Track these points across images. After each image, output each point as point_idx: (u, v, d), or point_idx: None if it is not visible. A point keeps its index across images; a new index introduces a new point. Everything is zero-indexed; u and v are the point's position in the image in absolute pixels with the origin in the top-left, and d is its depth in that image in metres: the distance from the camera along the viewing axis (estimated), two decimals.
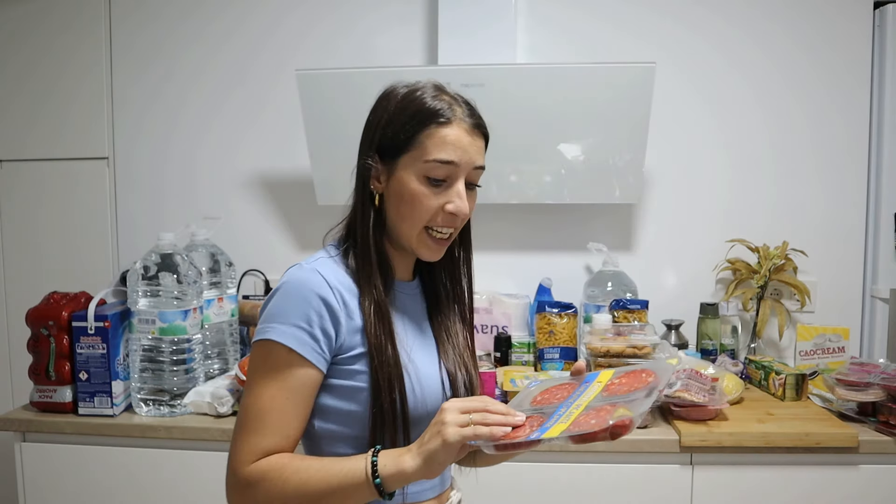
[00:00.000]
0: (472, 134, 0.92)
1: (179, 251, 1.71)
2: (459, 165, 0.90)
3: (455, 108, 0.92)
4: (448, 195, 0.90)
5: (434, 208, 0.90)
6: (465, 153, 0.90)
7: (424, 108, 0.90)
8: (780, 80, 2.01)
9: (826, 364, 1.86)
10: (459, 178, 0.91)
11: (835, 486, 1.50)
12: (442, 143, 0.89)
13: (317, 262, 0.91)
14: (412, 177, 0.90)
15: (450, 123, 0.90)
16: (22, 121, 2.16)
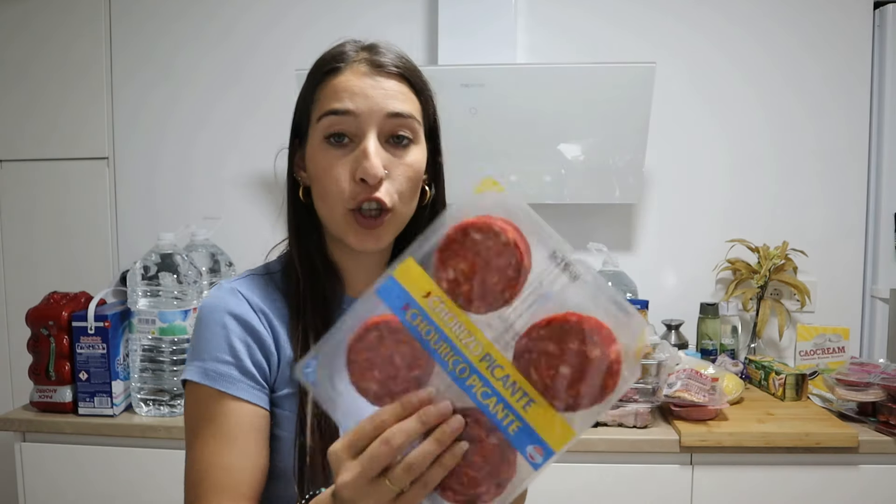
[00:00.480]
0: (373, 74, 0.74)
1: (179, 251, 1.71)
2: (359, 114, 0.72)
3: (350, 51, 0.76)
4: (356, 157, 0.72)
5: (344, 178, 0.73)
6: (366, 98, 0.72)
7: (318, 61, 0.77)
8: (781, 80, 2.01)
9: (826, 364, 1.86)
10: (366, 132, 0.72)
11: (835, 486, 1.50)
12: (333, 92, 0.74)
13: (239, 280, 0.78)
14: (315, 144, 0.75)
15: (342, 70, 0.74)
16: (21, 121, 2.16)
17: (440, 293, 0.52)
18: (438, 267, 0.52)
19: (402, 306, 0.52)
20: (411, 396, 0.52)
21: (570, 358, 0.50)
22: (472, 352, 0.51)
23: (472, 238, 0.52)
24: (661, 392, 1.56)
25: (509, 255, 0.51)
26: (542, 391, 0.51)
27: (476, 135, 1.87)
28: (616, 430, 1.54)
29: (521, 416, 0.51)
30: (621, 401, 1.55)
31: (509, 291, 0.52)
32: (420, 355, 0.53)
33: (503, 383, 0.51)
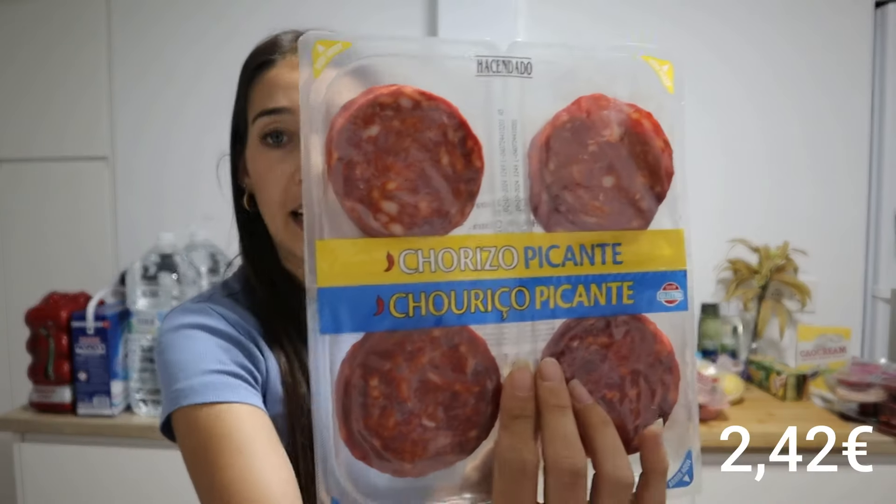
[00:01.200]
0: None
1: (179, 251, 1.71)
2: (295, 110, 0.65)
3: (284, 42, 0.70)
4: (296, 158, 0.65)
5: (283, 181, 0.65)
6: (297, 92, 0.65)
7: (250, 54, 0.71)
8: (780, 80, 2.00)
9: (827, 364, 1.86)
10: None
11: (835, 486, 1.50)
12: (268, 88, 0.68)
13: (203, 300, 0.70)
14: (253, 146, 0.68)
15: (274, 62, 0.69)
16: (21, 120, 2.15)
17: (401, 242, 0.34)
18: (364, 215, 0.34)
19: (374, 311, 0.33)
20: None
21: (600, 162, 0.36)
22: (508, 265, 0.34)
23: (369, 138, 0.34)
24: None
25: (434, 116, 0.35)
26: (613, 225, 0.36)
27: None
28: None
29: (624, 272, 0.36)
30: None
31: (475, 158, 0.36)
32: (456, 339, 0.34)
33: (573, 262, 0.36)
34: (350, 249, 0.33)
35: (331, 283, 0.33)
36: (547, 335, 0.35)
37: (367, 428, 0.33)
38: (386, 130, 0.34)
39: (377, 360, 0.33)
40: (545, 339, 0.35)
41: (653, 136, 0.37)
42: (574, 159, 0.36)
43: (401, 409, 0.33)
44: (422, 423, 0.34)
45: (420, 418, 0.34)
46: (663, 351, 0.38)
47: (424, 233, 0.34)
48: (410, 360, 0.33)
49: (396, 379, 0.33)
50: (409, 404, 0.34)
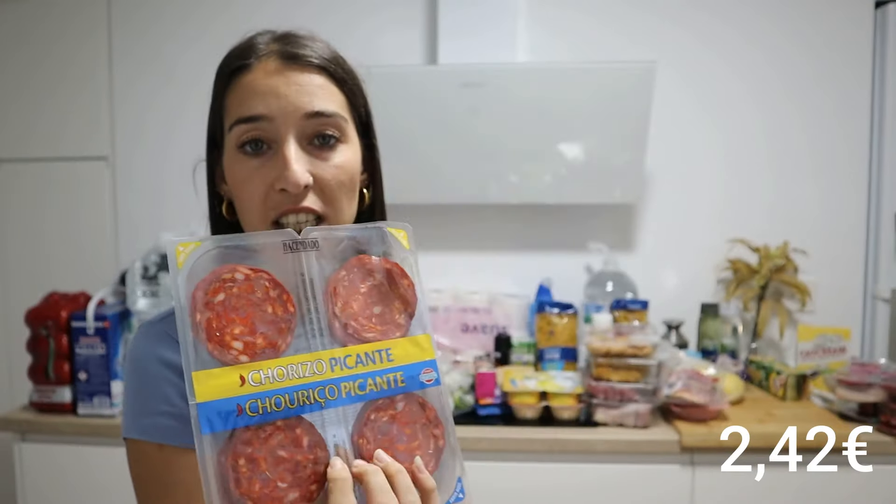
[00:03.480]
0: (285, 69, 0.65)
1: None
2: (272, 119, 0.64)
3: (260, 45, 0.67)
4: (276, 166, 0.64)
5: (263, 190, 0.64)
6: (278, 98, 0.64)
7: (225, 58, 0.68)
8: (781, 80, 2.00)
9: (827, 364, 1.86)
10: (284, 136, 0.64)
11: (835, 486, 1.50)
12: (243, 95, 0.65)
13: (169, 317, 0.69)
14: (231, 158, 0.66)
15: (250, 67, 0.66)
16: (22, 120, 2.16)
17: (248, 367, 0.49)
18: (220, 353, 0.49)
19: (236, 414, 0.48)
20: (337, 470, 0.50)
21: (369, 299, 0.56)
22: (321, 371, 0.52)
23: (218, 303, 0.50)
24: (662, 392, 1.56)
25: (258, 282, 0.52)
26: (382, 337, 0.55)
27: (476, 135, 1.87)
28: (616, 431, 1.54)
29: (395, 366, 0.55)
30: (621, 401, 1.55)
31: (290, 305, 0.53)
32: (294, 425, 0.50)
33: (362, 364, 0.54)
34: (215, 375, 0.48)
35: (204, 398, 0.48)
36: (353, 415, 0.52)
37: (241, 493, 0.48)
38: (228, 295, 0.51)
39: (242, 446, 0.48)
40: (353, 418, 0.52)
41: (401, 277, 0.57)
42: (353, 298, 0.55)
43: (261, 478, 0.49)
44: (277, 485, 0.49)
45: (276, 482, 0.49)
46: (431, 413, 0.56)
47: (263, 358, 0.50)
48: (264, 443, 0.49)
49: (256, 458, 0.49)
50: (267, 473, 0.49)
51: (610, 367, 1.56)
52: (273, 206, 0.64)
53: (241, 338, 0.50)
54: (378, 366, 0.54)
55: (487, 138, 1.88)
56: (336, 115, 0.66)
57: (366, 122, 0.74)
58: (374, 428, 0.53)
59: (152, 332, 0.69)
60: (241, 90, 0.66)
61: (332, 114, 0.66)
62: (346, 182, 0.67)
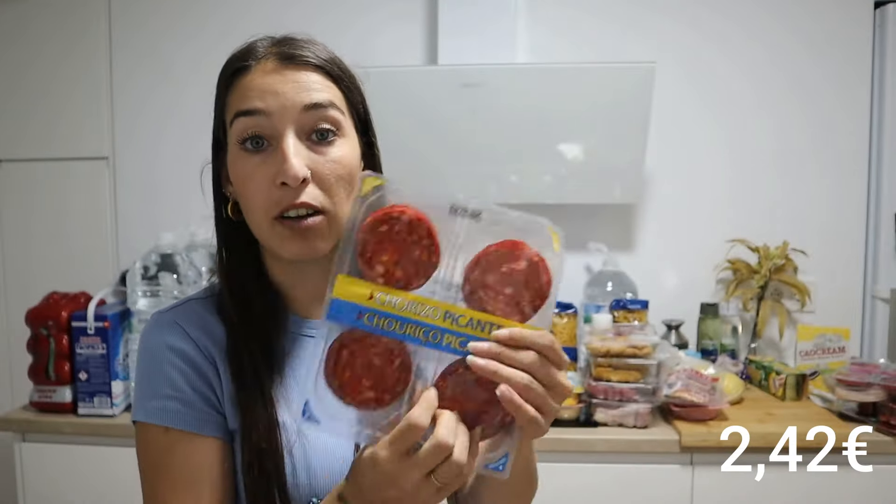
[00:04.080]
0: (283, 68, 0.68)
1: (179, 251, 1.71)
2: (270, 112, 0.66)
3: (259, 48, 0.70)
4: (275, 161, 0.66)
5: (265, 186, 0.67)
6: (276, 95, 0.66)
7: (227, 62, 0.71)
8: (780, 80, 2.00)
9: (826, 364, 1.86)
10: (283, 131, 0.66)
11: (835, 486, 1.50)
12: (242, 92, 0.68)
13: (179, 307, 0.74)
14: (234, 155, 0.69)
15: (249, 68, 0.68)
16: (22, 120, 2.15)
17: (380, 288, 0.58)
18: (366, 269, 0.59)
19: (356, 317, 0.58)
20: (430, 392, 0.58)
21: (507, 279, 0.59)
22: (433, 317, 0.58)
23: (379, 231, 0.58)
24: (661, 392, 1.56)
25: (417, 228, 0.59)
26: (502, 314, 0.59)
27: (476, 135, 1.87)
28: (616, 431, 1.54)
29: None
30: (621, 401, 1.55)
31: (434, 256, 0.59)
32: (393, 346, 0.58)
33: (471, 326, 0.58)
34: (354, 283, 0.59)
35: (337, 296, 0.59)
36: (445, 362, 0.59)
37: (334, 374, 0.59)
38: (389, 229, 0.58)
39: (349, 341, 0.59)
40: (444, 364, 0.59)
41: (543, 273, 0.59)
42: (492, 272, 0.59)
43: (352, 370, 0.59)
44: (361, 381, 0.59)
45: (361, 379, 0.59)
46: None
47: (395, 287, 0.59)
48: (366, 348, 0.58)
49: (356, 355, 0.59)
50: (358, 370, 0.59)
51: (610, 367, 1.57)
52: (276, 201, 0.66)
53: (385, 265, 0.58)
54: (484, 334, 0.58)
55: (487, 138, 1.88)
56: (331, 107, 0.68)
57: (364, 120, 0.75)
58: (458, 381, 0.58)
59: (163, 321, 0.72)
60: (240, 89, 0.68)
61: (328, 104, 0.68)
62: (345, 176, 0.69)
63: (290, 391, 0.71)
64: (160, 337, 0.71)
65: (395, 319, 0.58)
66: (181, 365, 0.69)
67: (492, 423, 0.59)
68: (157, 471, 0.68)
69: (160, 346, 0.70)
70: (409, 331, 0.58)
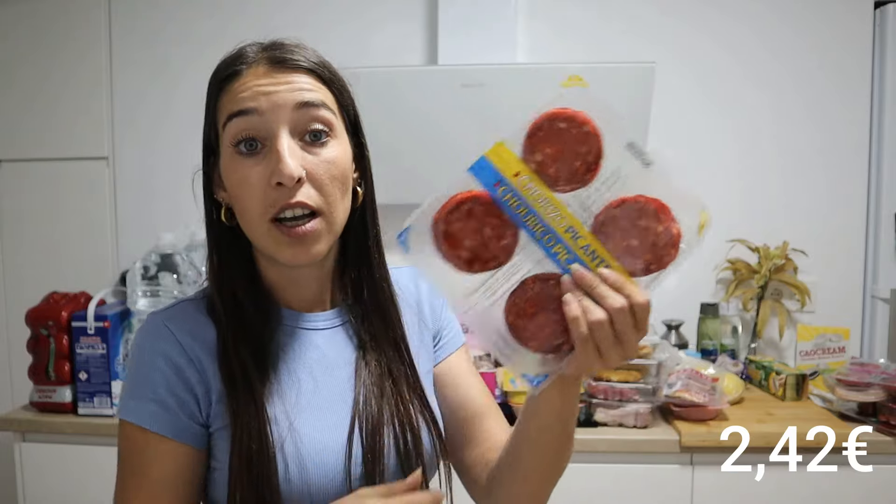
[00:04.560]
0: (275, 72, 0.68)
1: (179, 251, 1.71)
2: (263, 112, 0.66)
3: (249, 53, 0.70)
4: (270, 162, 0.66)
5: (260, 186, 0.66)
6: (268, 96, 0.66)
7: (217, 67, 0.71)
8: (781, 80, 2.00)
9: (826, 364, 1.86)
10: (276, 132, 0.66)
11: (835, 486, 1.50)
12: (234, 95, 0.68)
13: (171, 308, 0.74)
14: (228, 159, 0.69)
15: (241, 73, 0.68)
16: (22, 120, 2.15)
17: (529, 172, 0.59)
18: (527, 150, 0.59)
19: (494, 183, 0.59)
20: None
21: (639, 232, 0.59)
22: (558, 224, 0.59)
23: (557, 126, 0.59)
24: (662, 392, 1.56)
25: (590, 143, 0.59)
26: (617, 258, 0.59)
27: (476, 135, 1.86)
28: (616, 431, 1.54)
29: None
30: (621, 401, 1.55)
31: (590, 174, 0.59)
32: (509, 227, 0.59)
33: (584, 251, 0.59)
34: (509, 154, 0.60)
35: (489, 157, 0.60)
36: (542, 268, 0.60)
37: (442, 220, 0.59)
38: (566, 129, 0.60)
39: (474, 203, 0.59)
40: (540, 269, 0.60)
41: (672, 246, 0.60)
42: (628, 219, 0.59)
43: (463, 226, 0.59)
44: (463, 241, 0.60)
45: (464, 239, 0.60)
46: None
47: (543, 181, 0.59)
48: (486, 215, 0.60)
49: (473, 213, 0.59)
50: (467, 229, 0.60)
51: None
52: (271, 202, 0.66)
53: (545, 156, 0.60)
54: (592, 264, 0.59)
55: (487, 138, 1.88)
56: (323, 106, 0.69)
57: (354, 122, 0.76)
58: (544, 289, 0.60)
59: (155, 323, 0.72)
60: (232, 92, 0.68)
61: (319, 103, 0.68)
62: (339, 176, 0.69)
63: (284, 385, 0.70)
64: (149, 339, 0.71)
65: (524, 206, 0.59)
66: (165, 370, 0.69)
67: (550, 342, 0.60)
68: (129, 468, 0.71)
69: (148, 348, 0.70)
70: (530, 222, 0.59)
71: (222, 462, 0.69)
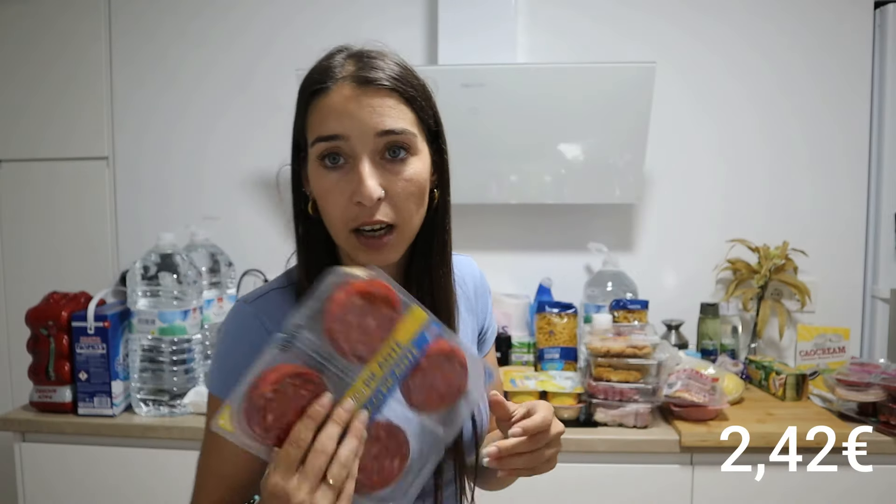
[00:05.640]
0: (361, 93, 0.71)
1: (179, 251, 1.71)
2: (348, 137, 0.71)
3: (336, 67, 0.73)
4: (352, 181, 0.71)
5: (343, 202, 0.72)
6: (354, 119, 0.70)
7: (306, 78, 0.75)
8: (781, 80, 2.01)
9: (826, 364, 1.86)
10: (360, 155, 0.71)
11: (835, 486, 1.50)
12: (323, 115, 0.72)
13: (261, 297, 0.80)
14: (314, 168, 0.74)
15: (329, 89, 0.72)
16: (21, 120, 2.15)
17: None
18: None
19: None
20: (316, 406, 0.60)
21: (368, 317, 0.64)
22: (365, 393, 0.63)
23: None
24: (662, 392, 1.56)
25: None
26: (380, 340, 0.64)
27: (476, 135, 1.87)
28: (616, 430, 1.54)
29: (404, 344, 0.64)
30: (621, 401, 1.55)
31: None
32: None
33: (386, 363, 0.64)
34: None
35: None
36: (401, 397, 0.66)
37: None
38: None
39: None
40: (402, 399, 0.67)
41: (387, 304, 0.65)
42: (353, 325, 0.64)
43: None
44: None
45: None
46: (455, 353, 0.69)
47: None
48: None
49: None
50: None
51: (610, 367, 1.57)
52: (352, 217, 0.72)
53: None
54: (395, 356, 0.63)
55: (487, 138, 1.88)
56: (406, 132, 0.73)
57: (435, 131, 0.81)
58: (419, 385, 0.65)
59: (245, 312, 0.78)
60: (320, 111, 0.73)
61: (402, 131, 0.73)
62: (415, 192, 0.74)
63: None
64: (240, 331, 0.77)
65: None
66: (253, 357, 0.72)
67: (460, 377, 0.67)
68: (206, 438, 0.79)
69: (237, 335, 0.77)
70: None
71: None
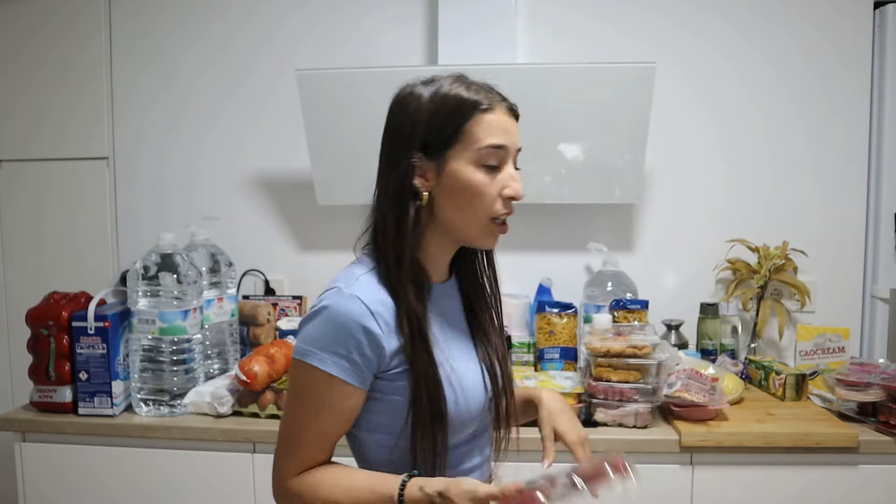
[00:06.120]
0: (511, 117, 0.95)
1: (179, 251, 1.71)
2: (508, 149, 0.92)
3: (491, 94, 0.94)
4: (503, 180, 0.92)
5: (494, 196, 0.92)
6: (510, 136, 0.93)
7: (466, 98, 0.92)
8: (780, 80, 2.01)
9: (826, 364, 1.86)
10: (509, 161, 0.93)
11: (835, 486, 1.50)
12: (490, 128, 0.91)
13: (356, 284, 0.90)
14: (468, 167, 0.91)
15: (492, 109, 0.92)
16: (22, 121, 2.16)
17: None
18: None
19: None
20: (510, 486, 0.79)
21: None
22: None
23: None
24: (661, 392, 1.56)
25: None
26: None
27: None
28: (616, 430, 1.54)
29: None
30: (621, 401, 1.55)
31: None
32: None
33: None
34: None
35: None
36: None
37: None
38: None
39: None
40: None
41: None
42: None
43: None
44: None
45: None
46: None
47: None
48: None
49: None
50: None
51: (610, 367, 1.57)
52: (500, 208, 0.92)
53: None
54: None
55: None
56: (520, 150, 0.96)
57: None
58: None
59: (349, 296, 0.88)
60: (488, 123, 0.91)
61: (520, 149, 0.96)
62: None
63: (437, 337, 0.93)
64: (349, 311, 0.87)
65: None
66: (359, 337, 0.87)
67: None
68: (307, 400, 0.89)
69: (348, 318, 0.87)
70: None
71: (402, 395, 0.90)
